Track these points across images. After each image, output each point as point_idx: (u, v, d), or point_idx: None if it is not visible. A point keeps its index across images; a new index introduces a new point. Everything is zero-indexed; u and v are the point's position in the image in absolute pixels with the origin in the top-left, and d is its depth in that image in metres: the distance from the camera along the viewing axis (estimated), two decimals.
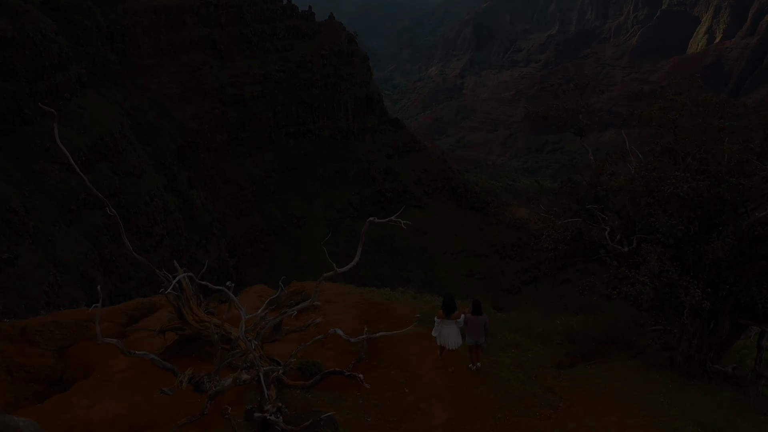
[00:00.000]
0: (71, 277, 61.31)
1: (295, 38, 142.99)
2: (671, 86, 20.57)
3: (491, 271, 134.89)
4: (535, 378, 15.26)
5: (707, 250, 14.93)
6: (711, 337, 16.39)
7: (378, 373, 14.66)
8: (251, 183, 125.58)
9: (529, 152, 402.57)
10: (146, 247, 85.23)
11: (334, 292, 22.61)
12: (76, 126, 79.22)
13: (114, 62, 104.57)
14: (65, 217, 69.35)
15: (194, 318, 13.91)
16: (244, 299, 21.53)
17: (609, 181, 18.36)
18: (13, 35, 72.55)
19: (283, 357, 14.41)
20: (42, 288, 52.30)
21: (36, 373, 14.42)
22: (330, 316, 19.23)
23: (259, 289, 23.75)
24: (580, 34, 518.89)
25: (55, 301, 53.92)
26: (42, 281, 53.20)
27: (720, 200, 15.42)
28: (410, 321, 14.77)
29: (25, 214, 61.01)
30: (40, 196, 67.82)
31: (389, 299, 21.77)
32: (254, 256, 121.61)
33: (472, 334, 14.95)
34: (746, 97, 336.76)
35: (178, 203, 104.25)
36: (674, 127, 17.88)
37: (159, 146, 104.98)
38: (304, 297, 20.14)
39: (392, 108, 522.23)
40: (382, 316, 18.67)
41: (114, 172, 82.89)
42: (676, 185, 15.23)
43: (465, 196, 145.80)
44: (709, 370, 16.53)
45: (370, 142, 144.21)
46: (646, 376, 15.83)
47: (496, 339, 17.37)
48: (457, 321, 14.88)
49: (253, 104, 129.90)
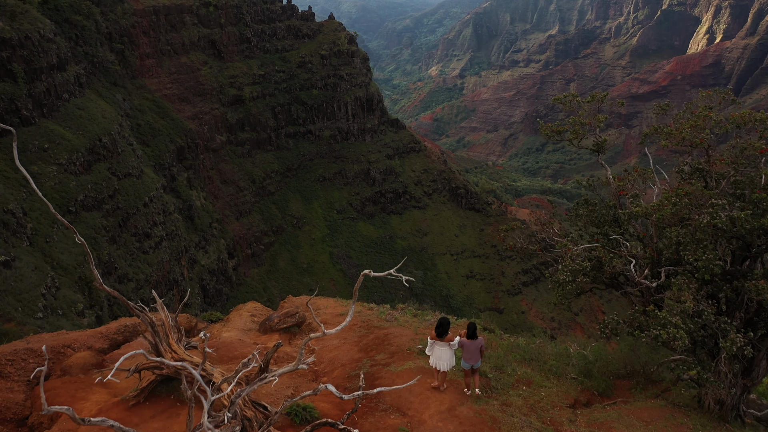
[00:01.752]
0: (69, 279, 60.89)
1: (295, 38, 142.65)
2: (701, 99, 18.84)
3: (491, 271, 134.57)
4: (550, 423, 13.98)
5: (749, 287, 13.39)
6: (745, 379, 14.82)
7: (376, 419, 13.48)
8: (251, 184, 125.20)
9: (530, 152, 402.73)
10: (145, 249, 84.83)
11: (331, 311, 21.65)
12: (74, 127, 78.76)
13: (113, 63, 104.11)
14: (64, 218, 68.91)
15: (173, 356, 12.72)
16: (235, 319, 20.85)
17: (632, 205, 16.78)
18: (11, 35, 72.16)
19: (271, 397, 13.68)
20: (39, 290, 51.87)
21: (2, 411, 12.69)
22: (325, 341, 18.40)
23: (251, 307, 22.72)
24: (580, 34, 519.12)
25: (53, 303, 53.53)
26: (39, 284, 52.78)
27: (764, 231, 13.96)
28: (410, 353, 14.06)
29: (23, 216, 60.59)
30: (38, 197, 67.40)
31: (389, 320, 20.80)
32: (254, 256, 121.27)
33: (468, 357, 14.21)
34: (747, 97, 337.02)
35: (177, 204, 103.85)
36: (708, 147, 16.35)
37: (158, 147, 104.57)
38: (297, 320, 19.41)
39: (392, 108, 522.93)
40: (382, 344, 17.67)
41: (113, 173, 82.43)
42: (713, 214, 13.63)
43: (465, 197, 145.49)
44: (742, 414, 15.15)
45: (370, 143, 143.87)
46: (673, 420, 14.50)
47: (506, 374, 16.13)
48: (450, 344, 14.15)
49: (252, 105, 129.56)
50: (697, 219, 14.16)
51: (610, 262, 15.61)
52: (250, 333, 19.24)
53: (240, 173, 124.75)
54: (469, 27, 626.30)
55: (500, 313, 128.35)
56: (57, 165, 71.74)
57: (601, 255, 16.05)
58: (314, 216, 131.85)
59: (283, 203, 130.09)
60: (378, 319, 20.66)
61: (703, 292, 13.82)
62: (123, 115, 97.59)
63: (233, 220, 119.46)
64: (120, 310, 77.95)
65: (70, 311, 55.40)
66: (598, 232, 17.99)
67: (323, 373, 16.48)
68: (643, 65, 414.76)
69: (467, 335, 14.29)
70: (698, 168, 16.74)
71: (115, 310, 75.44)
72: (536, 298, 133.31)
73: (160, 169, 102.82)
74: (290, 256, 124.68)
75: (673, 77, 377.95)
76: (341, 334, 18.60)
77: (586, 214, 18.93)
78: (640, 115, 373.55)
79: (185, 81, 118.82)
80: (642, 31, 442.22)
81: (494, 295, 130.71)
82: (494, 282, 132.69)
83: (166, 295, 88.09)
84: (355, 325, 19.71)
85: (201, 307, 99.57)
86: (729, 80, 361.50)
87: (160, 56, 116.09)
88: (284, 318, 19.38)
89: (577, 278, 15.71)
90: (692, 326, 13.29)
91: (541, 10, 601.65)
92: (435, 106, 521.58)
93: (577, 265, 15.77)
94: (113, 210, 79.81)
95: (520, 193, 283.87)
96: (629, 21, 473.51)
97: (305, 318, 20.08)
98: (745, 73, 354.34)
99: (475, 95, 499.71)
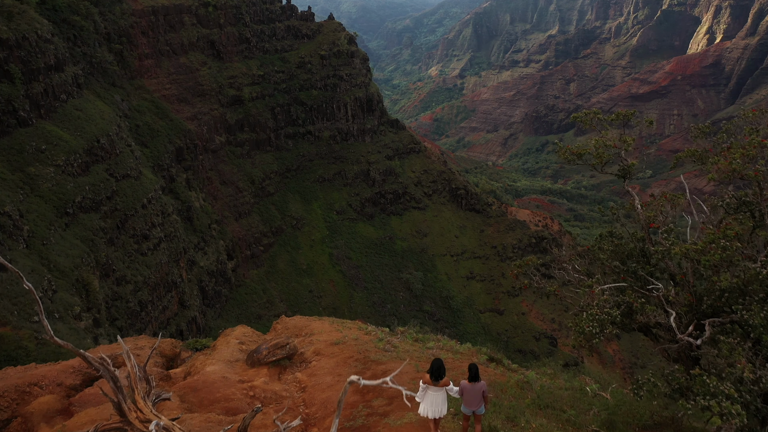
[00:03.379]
0: (66, 282, 60.38)
1: (295, 39, 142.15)
2: (745, 118, 16.22)
3: (491, 273, 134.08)
4: None
5: None
6: None
7: None
8: (250, 184, 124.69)
9: (529, 152, 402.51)
10: (143, 250, 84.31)
11: (325, 339, 20.27)
12: (72, 128, 78.23)
13: (111, 63, 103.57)
14: (61, 220, 68.37)
15: (138, 416, 11.10)
16: (222, 347, 19.67)
17: (666, 243, 14.78)
18: (8, 36, 71.66)
19: None
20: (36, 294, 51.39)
21: None
22: (318, 377, 16.89)
23: (240, 333, 21.08)
24: (580, 35, 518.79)
25: (50, 307, 53.03)
26: (36, 287, 52.25)
27: None
28: (411, 398, 12.39)
29: (20, 218, 60.09)
30: (35, 199, 66.89)
31: (387, 349, 19.36)
32: (253, 258, 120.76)
33: (470, 403, 13.04)
34: (747, 97, 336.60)
35: (176, 205, 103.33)
36: (760, 180, 14.26)
37: (157, 148, 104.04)
38: (288, 352, 18.23)
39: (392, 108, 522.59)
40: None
41: (111, 174, 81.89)
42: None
43: (465, 198, 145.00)
44: None
45: (370, 144, 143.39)
46: None
47: (519, 427, 14.53)
48: (448, 388, 12.94)
49: (252, 105, 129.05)
50: (751, 268, 12.28)
51: (643, 310, 13.73)
52: (236, 365, 18.04)
53: (239, 174, 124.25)
54: (469, 27, 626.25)
55: (500, 315, 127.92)
56: (55, 166, 71.20)
57: (630, 300, 14.09)
58: (314, 217, 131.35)
59: (282, 204, 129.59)
60: (375, 350, 19.13)
61: (761, 357, 11.95)
62: (121, 116, 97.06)
63: (232, 221, 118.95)
64: (118, 312, 77.47)
65: (67, 314, 54.91)
66: (624, 269, 15.67)
67: (314, 419, 14.86)
68: (643, 65, 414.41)
69: (468, 378, 13.08)
70: (745, 201, 14.81)
71: (113, 313, 74.94)
72: (536, 299, 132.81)
73: (159, 170, 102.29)
74: (290, 257, 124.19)
75: (673, 77, 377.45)
76: (336, 370, 17.39)
77: (612, 249, 16.68)
78: (641, 115, 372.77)
79: (184, 81, 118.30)
80: (642, 31, 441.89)
81: (494, 297, 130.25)
82: (494, 283, 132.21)
83: (165, 297, 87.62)
84: (350, 358, 18.31)
85: (200, 308, 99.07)
86: (729, 80, 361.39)
87: (159, 57, 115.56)
88: (273, 350, 18.11)
89: (606, 329, 13.75)
90: (749, 397, 11.32)
91: (541, 10, 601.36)
92: (435, 106, 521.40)
93: (605, 314, 13.75)
94: (111, 211, 79.28)
95: (521, 194, 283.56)
96: (629, 21, 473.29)
97: (296, 349, 18.81)
98: (745, 73, 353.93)
99: (475, 95, 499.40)
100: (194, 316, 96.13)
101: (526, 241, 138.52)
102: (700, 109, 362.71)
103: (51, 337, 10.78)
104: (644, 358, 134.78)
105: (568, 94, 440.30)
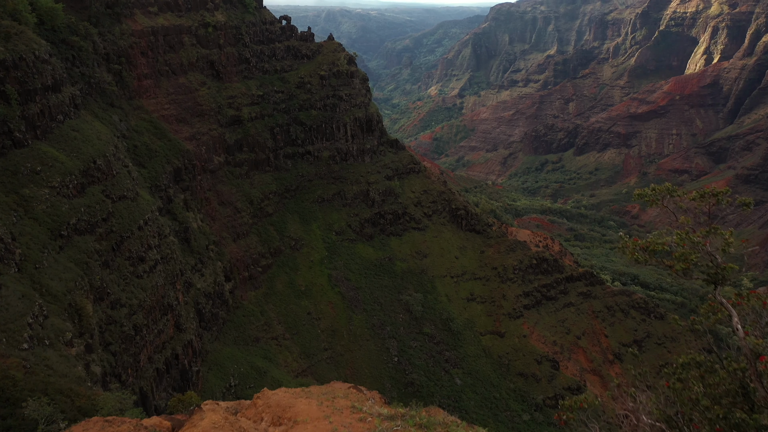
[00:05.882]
0: (58, 306, 58.94)
1: (294, 59, 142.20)
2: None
3: (492, 294, 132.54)
4: None
5: None
6: None
7: None
8: (249, 205, 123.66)
9: (529, 171, 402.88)
10: (139, 273, 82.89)
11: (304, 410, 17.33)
12: (68, 149, 77.33)
13: (110, 83, 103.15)
14: (55, 243, 67.14)
15: None
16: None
17: None
18: (5, 57, 71.08)
19: None
20: (26, 320, 49.93)
21: None
22: None
23: (208, 426, 17.55)
24: (578, 55, 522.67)
25: (40, 333, 51.56)
26: (26, 312, 50.85)
27: None
28: None
29: (12, 241, 58.85)
30: (29, 221, 65.73)
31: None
32: (251, 279, 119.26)
33: None
34: (745, 117, 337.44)
35: (173, 226, 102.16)
36: None
37: (155, 168, 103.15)
38: None
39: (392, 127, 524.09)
40: None
41: (107, 196, 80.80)
42: None
43: (465, 218, 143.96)
44: None
45: (370, 164, 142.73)
46: None
47: None
48: None
49: (251, 125, 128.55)
50: None
51: None
52: None
53: (238, 194, 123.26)
54: (468, 47, 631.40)
55: (501, 337, 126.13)
56: (49, 188, 70.12)
57: None
58: (313, 238, 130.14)
59: (281, 225, 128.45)
60: None
61: None
62: (119, 137, 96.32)
63: (230, 242, 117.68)
64: (112, 336, 75.85)
65: (58, 341, 53.39)
66: (720, 416, 11.50)
67: None
68: (641, 85, 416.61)
69: None
70: None
71: (107, 337, 73.38)
72: (538, 321, 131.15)
73: (157, 191, 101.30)
74: (288, 278, 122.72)
75: (671, 97, 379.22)
76: None
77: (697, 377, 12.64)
78: (640, 134, 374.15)
79: (183, 102, 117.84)
80: (640, 52, 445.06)
81: (495, 318, 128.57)
82: (495, 305, 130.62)
83: (161, 320, 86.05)
84: None
85: (196, 331, 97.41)
86: (727, 100, 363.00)
87: (158, 77, 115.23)
88: None
89: None
90: None
91: (539, 30, 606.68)
92: (434, 125, 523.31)
93: None
94: (107, 233, 78.04)
95: (520, 213, 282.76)
96: (627, 41, 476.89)
97: None
98: (743, 93, 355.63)
99: (475, 115, 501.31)
100: (190, 339, 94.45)
101: (527, 263, 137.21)
102: (698, 128, 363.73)
103: None
104: (648, 381, 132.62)
105: (567, 114, 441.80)
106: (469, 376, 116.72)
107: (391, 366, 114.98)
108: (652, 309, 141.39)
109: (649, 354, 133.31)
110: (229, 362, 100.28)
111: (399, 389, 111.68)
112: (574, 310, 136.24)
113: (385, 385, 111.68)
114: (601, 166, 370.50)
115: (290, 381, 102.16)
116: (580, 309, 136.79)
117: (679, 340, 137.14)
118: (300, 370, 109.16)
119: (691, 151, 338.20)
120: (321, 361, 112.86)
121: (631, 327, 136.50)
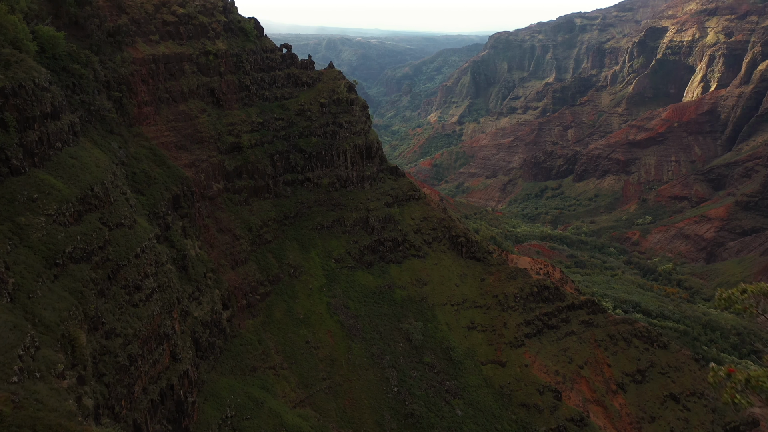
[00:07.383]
0: (51, 337, 57.68)
1: (295, 86, 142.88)
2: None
3: (493, 323, 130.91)
4: None
5: None
6: None
7: None
8: (247, 232, 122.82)
9: (529, 198, 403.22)
10: (135, 302, 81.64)
11: None
12: (66, 176, 76.82)
13: (110, 111, 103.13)
14: (49, 271, 66.13)
15: None
16: None
17: None
18: (4, 84, 71.02)
19: None
20: (16, 352, 48.69)
21: None
22: None
23: None
24: (576, 82, 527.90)
25: (31, 365, 50.26)
26: (17, 344, 49.64)
27: None
28: None
29: (5, 270, 57.84)
30: (23, 249, 64.88)
31: None
32: (249, 307, 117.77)
33: None
34: (744, 144, 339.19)
35: (171, 254, 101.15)
36: None
37: (153, 195, 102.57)
38: None
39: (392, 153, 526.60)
40: None
41: (104, 223, 79.97)
42: None
43: (466, 246, 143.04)
44: None
45: (369, 191, 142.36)
46: None
47: None
48: None
49: (250, 152, 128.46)
50: None
51: None
52: None
53: (236, 221, 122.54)
54: (468, 75, 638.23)
55: (503, 366, 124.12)
56: (46, 216, 69.32)
57: None
58: (312, 265, 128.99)
59: (280, 252, 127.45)
60: None
61: None
62: (118, 164, 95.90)
63: (228, 269, 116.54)
64: (106, 367, 74.32)
65: (49, 374, 51.98)
66: None
67: None
68: (639, 112, 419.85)
69: None
70: None
71: (101, 368, 71.87)
72: (540, 350, 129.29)
73: (155, 218, 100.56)
74: (286, 306, 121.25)
75: (669, 124, 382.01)
76: None
77: None
78: (639, 161, 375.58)
79: (183, 129, 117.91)
80: (638, 80, 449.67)
81: (496, 348, 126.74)
82: (496, 333, 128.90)
83: (156, 350, 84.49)
84: None
85: (193, 361, 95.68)
86: (725, 127, 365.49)
87: (159, 104, 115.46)
88: None
89: None
90: None
91: (537, 58, 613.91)
92: (434, 152, 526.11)
93: None
94: (103, 262, 77.02)
95: (521, 240, 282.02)
96: (625, 69, 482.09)
97: None
98: (741, 120, 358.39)
99: (474, 141, 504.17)
100: (186, 369, 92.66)
101: (527, 291, 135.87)
102: (697, 155, 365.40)
103: None
104: (652, 411, 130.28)
105: (566, 140, 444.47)
106: (471, 406, 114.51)
107: (391, 396, 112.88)
108: (655, 338, 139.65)
109: (653, 384, 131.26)
110: (225, 393, 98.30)
111: (399, 420, 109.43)
112: (576, 338, 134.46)
113: (384, 416, 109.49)
114: (601, 193, 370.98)
115: (288, 412, 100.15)
116: (582, 338, 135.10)
117: (683, 369, 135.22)
118: (298, 401, 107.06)
119: (690, 178, 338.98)
120: (319, 391, 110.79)
121: (634, 356, 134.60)
